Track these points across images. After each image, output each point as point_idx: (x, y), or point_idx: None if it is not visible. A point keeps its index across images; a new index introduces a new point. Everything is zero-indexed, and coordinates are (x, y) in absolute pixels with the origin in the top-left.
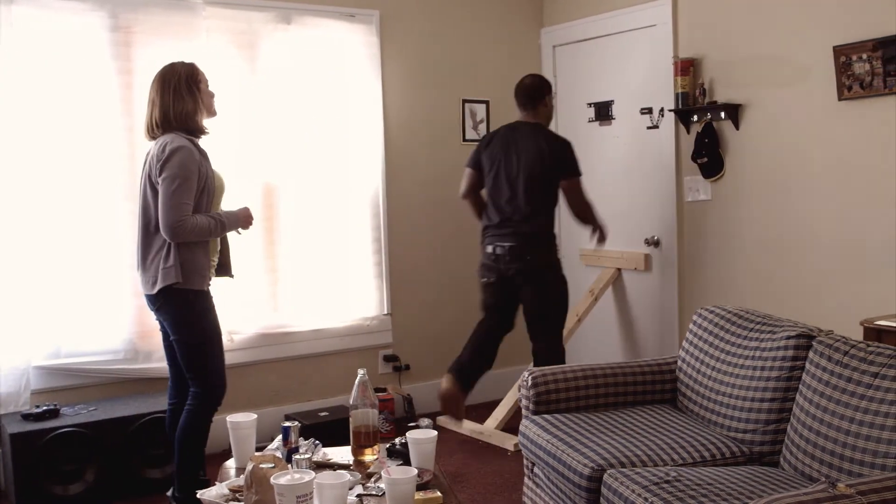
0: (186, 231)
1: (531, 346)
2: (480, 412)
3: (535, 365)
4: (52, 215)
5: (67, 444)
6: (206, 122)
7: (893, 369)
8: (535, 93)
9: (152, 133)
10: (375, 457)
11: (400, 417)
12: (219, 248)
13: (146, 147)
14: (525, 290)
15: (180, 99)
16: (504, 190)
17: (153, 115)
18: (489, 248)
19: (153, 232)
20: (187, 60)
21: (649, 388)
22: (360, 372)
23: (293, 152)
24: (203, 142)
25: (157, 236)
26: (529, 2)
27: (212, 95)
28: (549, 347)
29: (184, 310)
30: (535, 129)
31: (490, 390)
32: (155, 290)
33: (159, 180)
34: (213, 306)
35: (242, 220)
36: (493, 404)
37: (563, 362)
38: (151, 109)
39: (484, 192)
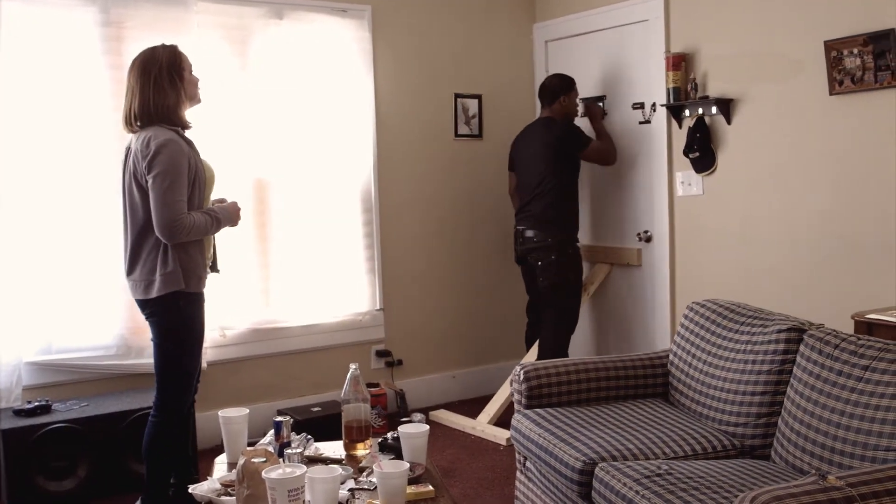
0: (184, 231)
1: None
2: (473, 407)
3: (538, 350)
4: (44, 211)
5: (59, 440)
6: (190, 113)
7: (884, 362)
8: (551, 91)
9: (131, 126)
10: (367, 451)
11: (392, 412)
12: (213, 244)
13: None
14: (536, 269)
15: (161, 91)
16: (522, 180)
17: (132, 106)
18: (516, 233)
19: (143, 233)
20: (168, 43)
21: (641, 381)
22: (352, 367)
23: (285, 148)
24: (195, 136)
25: (147, 238)
26: None
27: (195, 82)
28: (552, 337)
29: (176, 315)
30: (545, 122)
31: (482, 385)
32: (153, 296)
33: (148, 178)
34: (203, 311)
35: (233, 215)
36: (485, 399)
37: (564, 350)
38: (130, 100)
39: None
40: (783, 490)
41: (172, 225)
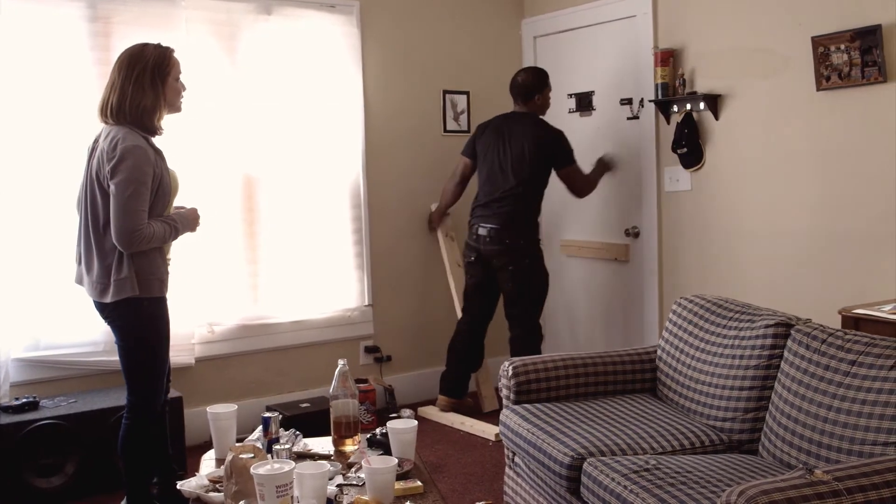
0: (143, 241)
1: (509, 334)
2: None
3: (511, 351)
4: (31, 207)
5: (47, 437)
6: (166, 120)
7: (870, 357)
8: (525, 89)
9: (105, 117)
10: (356, 447)
11: (381, 408)
12: (171, 248)
13: None
14: (503, 273)
15: (140, 90)
16: (495, 174)
17: (110, 99)
18: (474, 229)
19: (101, 234)
20: (164, 44)
21: (629, 377)
22: (341, 363)
23: (274, 144)
24: (183, 134)
25: (105, 239)
26: None
27: (179, 91)
28: (525, 333)
29: (136, 319)
30: (529, 118)
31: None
32: (108, 301)
33: (111, 183)
34: (167, 312)
35: (192, 222)
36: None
37: (540, 349)
38: (109, 91)
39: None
40: (770, 484)
41: (131, 234)
